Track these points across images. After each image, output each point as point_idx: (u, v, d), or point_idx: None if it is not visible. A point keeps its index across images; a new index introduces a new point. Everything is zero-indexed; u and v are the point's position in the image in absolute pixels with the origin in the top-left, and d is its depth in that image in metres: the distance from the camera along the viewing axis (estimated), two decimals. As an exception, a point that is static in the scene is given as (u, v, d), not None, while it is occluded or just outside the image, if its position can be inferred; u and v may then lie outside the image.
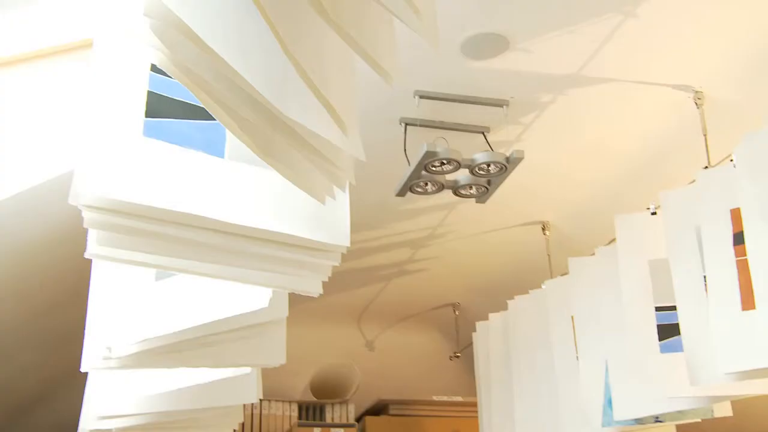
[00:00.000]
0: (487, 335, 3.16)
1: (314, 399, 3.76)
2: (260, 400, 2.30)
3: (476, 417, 3.26)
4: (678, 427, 2.74)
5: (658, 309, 2.25)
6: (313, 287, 1.37)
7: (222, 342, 1.48)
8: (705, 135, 2.25)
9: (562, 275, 2.81)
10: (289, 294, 1.48)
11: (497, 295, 3.23)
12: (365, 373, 3.86)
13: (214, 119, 1.13)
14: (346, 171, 1.20)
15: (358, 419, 3.75)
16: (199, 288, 1.43)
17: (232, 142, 1.24)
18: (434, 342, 4.18)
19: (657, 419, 2.45)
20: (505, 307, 3.09)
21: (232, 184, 1.22)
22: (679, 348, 2.12)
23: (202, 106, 1.09)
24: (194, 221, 1.17)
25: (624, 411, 2.35)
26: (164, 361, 1.49)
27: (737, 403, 2.39)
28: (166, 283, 1.45)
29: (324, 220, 1.29)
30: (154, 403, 1.67)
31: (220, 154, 1.25)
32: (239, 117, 1.08)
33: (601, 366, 2.50)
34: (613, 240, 2.48)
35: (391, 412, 3.75)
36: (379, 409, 3.81)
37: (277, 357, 1.56)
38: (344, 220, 1.32)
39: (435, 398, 3.80)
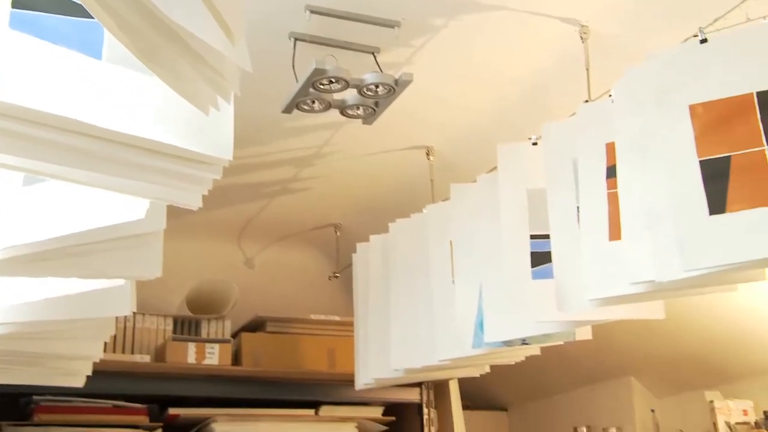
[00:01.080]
0: (367, 257, 3.20)
1: (190, 314, 3.72)
2: (134, 313, 2.26)
3: (353, 337, 3.32)
4: (542, 349, 2.88)
5: (533, 237, 2.32)
6: (192, 200, 1.34)
7: (93, 252, 1.43)
8: (587, 69, 2.30)
9: (443, 200, 2.85)
10: (167, 206, 1.44)
11: (379, 217, 3.26)
12: (243, 291, 3.84)
13: (92, 17, 1.06)
14: (232, 82, 1.16)
15: (234, 335, 3.75)
16: (72, 195, 1.36)
17: (110, 42, 1.17)
18: (314, 261, 4.20)
19: (524, 342, 2.57)
20: (386, 230, 3.12)
21: (108, 87, 1.16)
22: (549, 275, 2.20)
23: (79, 1, 1.02)
24: (65, 124, 1.11)
25: (494, 333, 2.44)
26: (31, 269, 1.43)
27: (597, 327, 2.53)
28: (35, 188, 1.38)
29: (206, 131, 1.25)
30: (20, 313, 1.60)
31: (98, 55, 1.18)
32: (118, 16, 1.01)
33: (475, 290, 2.58)
34: (495, 168, 2.53)
35: (268, 329, 3.76)
36: (255, 326, 3.81)
37: (152, 270, 1.53)
38: (227, 133, 1.28)
39: (312, 317, 3.84)
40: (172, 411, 3.45)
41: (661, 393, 5.56)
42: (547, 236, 2.22)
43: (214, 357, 3.53)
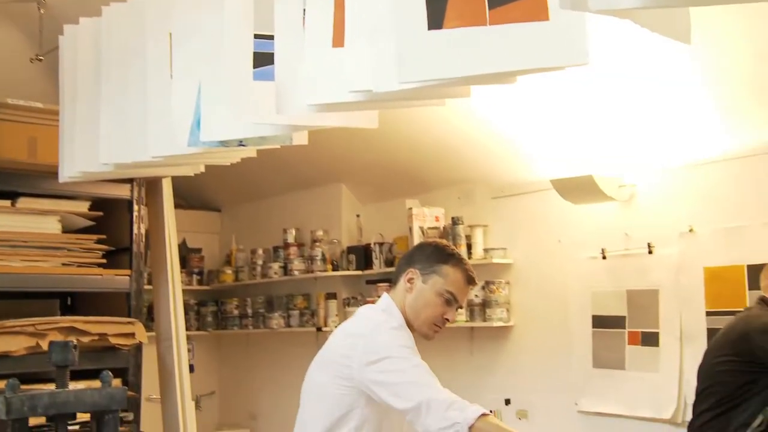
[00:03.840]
0: (76, 41, 2.93)
1: None
2: None
3: (57, 126, 3.09)
4: (258, 152, 2.90)
5: (257, 37, 2.26)
6: None
7: None
8: None
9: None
10: None
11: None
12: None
13: None
14: None
15: None
16: None
17: None
18: (13, 40, 3.78)
19: (241, 143, 2.55)
20: (98, 13, 2.86)
21: None
22: (270, 77, 2.17)
23: None
24: None
25: (211, 132, 2.40)
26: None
27: (313, 133, 2.58)
28: None
29: None
30: None
31: None
32: None
33: (193, 87, 2.49)
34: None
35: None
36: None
37: None
38: None
39: (10, 101, 3.50)
40: None
41: (367, 199, 5.93)
42: (271, 37, 2.17)
43: None
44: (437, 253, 2.37)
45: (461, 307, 2.50)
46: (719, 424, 3.38)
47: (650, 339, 4.21)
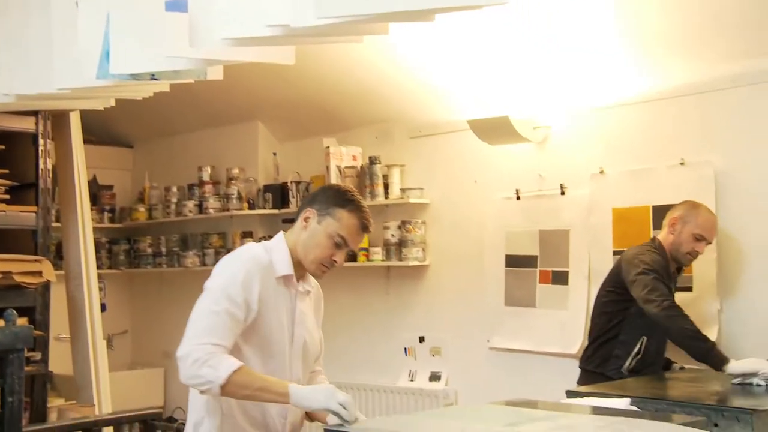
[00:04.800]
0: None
1: None
2: None
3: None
4: (171, 86, 2.81)
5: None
6: None
7: None
8: None
9: None
10: None
11: None
12: None
13: None
14: None
15: None
16: None
17: None
18: None
19: (153, 77, 2.47)
20: (-2, -65, 2.70)
21: None
22: (184, 8, 2.09)
23: None
24: None
25: (121, 65, 2.31)
26: None
27: (228, 68, 2.52)
28: None
29: None
30: None
31: None
32: None
33: (102, 15, 2.38)
34: None
35: None
36: None
37: None
38: None
39: None
40: None
41: (283, 138, 5.86)
42: (184, -35, 2.08)
43: None
44: (337, 196, 2.37)
45: (354, 252, 2.54)
46: (603, 354, 3.53)
47: (560, 278, 4.33)
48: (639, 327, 3.43)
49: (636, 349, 3.44)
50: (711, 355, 3.13)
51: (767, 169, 3.68)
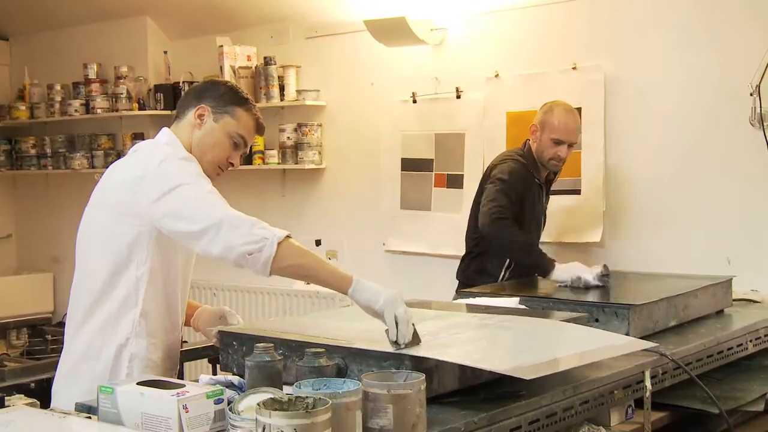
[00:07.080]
0: None
1: None
2: None
3: None
4: None
5: None
6: None
7: None
8: None
9: None
10: None
11: None
12: None
13: None
14: None
15: None
16: None
17: None
18: None
19: None
20: None
21: None
22: None
23: None
24: None
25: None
26: None
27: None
28: None
29: None
30: None
31: None
32: None
33: None
34: None
35: None
36: None
37: None
38: None
39: None
40: None
41: (175, 35, 5.61)
42: None
43: None
44: (232, 93, 2.26)
45: (246, 154, 2.43)
46: (476, 267, 3.51)
47: (455, 181, 4.39)
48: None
49: (507, 262, 3.42)
50: (540, 265, 3.07)
51: (655, 73, 3.78)
